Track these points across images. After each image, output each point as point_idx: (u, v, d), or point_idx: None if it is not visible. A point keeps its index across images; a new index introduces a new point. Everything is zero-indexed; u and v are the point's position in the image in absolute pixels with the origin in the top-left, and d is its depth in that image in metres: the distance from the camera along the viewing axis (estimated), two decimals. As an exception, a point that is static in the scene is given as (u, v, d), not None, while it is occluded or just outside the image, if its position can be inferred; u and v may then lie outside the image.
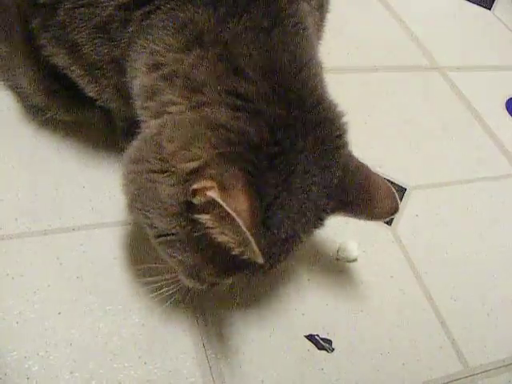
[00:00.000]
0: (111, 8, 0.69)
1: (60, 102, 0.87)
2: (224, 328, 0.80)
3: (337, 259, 0.92)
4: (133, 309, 0.78)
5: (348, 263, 0.92)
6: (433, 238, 1.01)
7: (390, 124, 1.19)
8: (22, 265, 0.78)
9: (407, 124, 1.21)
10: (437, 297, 0.92)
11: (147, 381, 0.72)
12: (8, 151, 0.88)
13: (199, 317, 0.80)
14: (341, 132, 0.69)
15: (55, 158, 0.90)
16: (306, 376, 0.79)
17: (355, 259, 0.92)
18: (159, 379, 0.73)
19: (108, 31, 0.70)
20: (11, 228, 0.81)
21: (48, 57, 0.78)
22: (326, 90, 0.70)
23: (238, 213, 0.55)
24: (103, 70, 0.74)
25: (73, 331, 0.74)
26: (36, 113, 0.90)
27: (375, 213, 0.71)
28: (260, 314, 0.82)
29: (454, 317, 0.91)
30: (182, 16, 0.66)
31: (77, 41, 0.73)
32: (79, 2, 0.70)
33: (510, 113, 1.33)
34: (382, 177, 0.72)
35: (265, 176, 0.61)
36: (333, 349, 0.82)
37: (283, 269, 0.87)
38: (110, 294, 0.78)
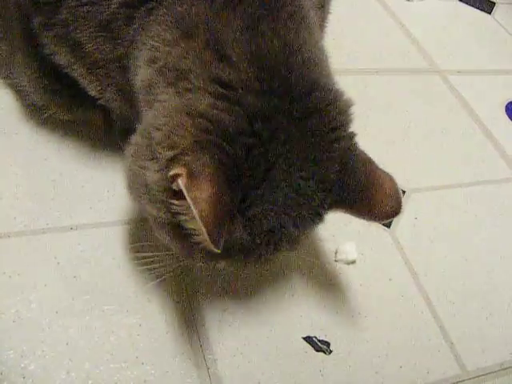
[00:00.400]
0: (115, 6, 0.69)
1: (59, 101, 0.87)
2: (222, 329, 0.79)
3: (335, 261, 0.92)
4: (130, 309, 0.77)
5: (346, 265, 0.92)
6: (432, 241, 1.01)
7: (390, 127, 1.18)
8: (20, 263, 0.77)
9: (407, 127, 1.20)
10: (435, 300, 0.92)
11: (144, 381, 0.72)
12: (7, 150, 0.88)
13: (197, 317, 0.79)
14: (338, 123, 0.66)
15: (54, 157, 0.90)
16: (304, 378, 0.78)
17: (354, 261, 0.92)
18: (156, 380, 0.72)
19: (111, 29, 0.70)
20: (9, 226, 0.80)
21: (50, 55, 0.78)
22: (327, 77, 0.68)
23: (196, 201, 0.55)
24: (106, 69, 0.74)
25: (70, 331, 0.73)
26: (35, 111, 0.90)
27: (375, 213, 0.68)
28: (258, 316, 0.82)
29: (453, 320, 0.91)
30: (180, 10, 0.66)
31: (79, 39, 0.73)
32: (83, 0, 0.70)
33: (510, 116, 1.33)
34: (390, 175, 0.69)
35: (240, 166, 0.60)
36: (331, 351, 0.81)
37: (286, 266, 0.87)
38: (108, 294, 0.78)
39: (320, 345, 0.81)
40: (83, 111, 0.89)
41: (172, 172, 0.58)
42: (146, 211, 0.65)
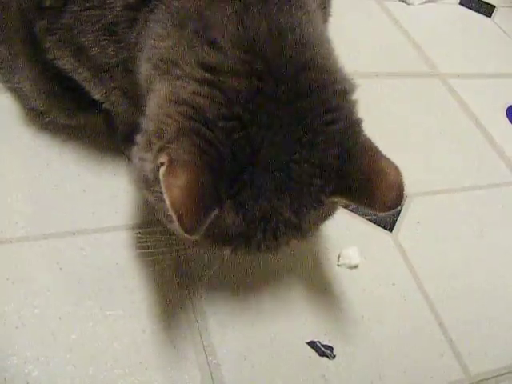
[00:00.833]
0: (119, 8, 0.68)
1: (61, 106, 0.87)
2: (225, 334, 0.79)
3: (338, 265, 0.91)
4: (133, 314, 0.77)
5: (349, 270, 0.92)
6: (434, 245, 1.01)
7: (390, 131, 1.18)
8: (22, 269, 0.77)
9: (407, 130, 1.20)
10: (438, 304, 0.92)
11: (148, 387, 0.72)
12: (8, 154, 0.88)
13: (200, 322, 0.79)
14: (334, 105, 0.64)
15: (56, 162, 0.89)
16: (307, 383, 0.78)
17: (356, 266, 0.92)
18: (160, 385, 0.72)
19: (115, 33, 0.70)
20: (11, 232, 0.80)
21: (53, 60, 0.77)
22: (325, 59, 0.66)
23: (169, 187, 0.55)
24: (111, 73, 0.74)
25: (73, 336, 0.73)
26: (37, 116, 0.90)
27: (375, 204, 0.64)
28: (262, 321, 0.82)
29: (456, 324, 0.90)
30: (176, 4, 0.65)
31: (83, 44, 0.72)
32: (86, 5, 0.70)
33: (510, 120, 1.33)
34: (395, 166, 0.65)
35: (223, 151, 0.59)
36: (334, 355, 0.81)
37: (289, 271, 0.87)
38: (111, 299, 0.78)
39: (323, 349, 0.81)
40: (85, 116, 0.89)
41: (158, 161, 0.58)
42: (149, 202, 0.65)
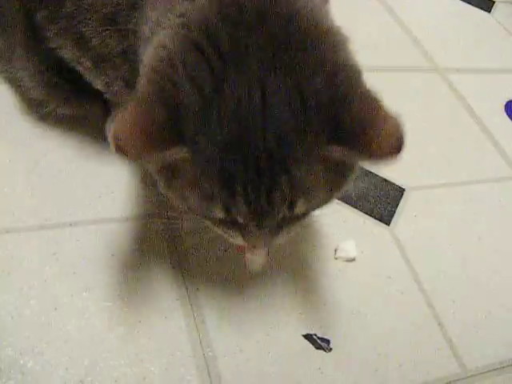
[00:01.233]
0: None
1: (60, 96, 0.86)
2: (221, 326, 0.79)
3: (335, 259, 0.91)
4: (129, 306, 0.77)
5: (346, 263, 0.91)
6: (431, 239, 1.00)
7: (389, 125, 1.18)
8: (18, 259, 0.77)
9: (406, 125, 1.19)
10: (435, 298, 0.92)
11: (144, 378, 0.72)
12: (6, 144, 0.88)
13: (196, 314, 0.79)
14: (317, 32, 0.60)
15: (53, 153, 0.89)
16: (304, 376, 0.78)
17: (353, 259, 0.92)
18: (156, 377, 0.72)
19: (116, 22, 0.70)
20: (7, 222, 0.80)
21: (54, 49, 0.77)
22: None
23: (117, 121, 0.54)
24: (112, 62, 0.74)
25: (68, 327, 0.73)
26: (35, 106, 0.90)
27: (371, 151, 0.58)
28: (258, 313, 0.82)
29: (452, 318, 0.90)
30: None
31: (84, 33, 0.72)
32: None
33: (509, 115, 1.32)
34: (396, 117, 0.60)
35: (181, 83, 0.56)
36: (330, 348, 0.81)
37: (286, 264, 0.87)
38: (107, 291, 0.77)
39: (320, 342, 0.81)
40: (84, 106, 0.89)
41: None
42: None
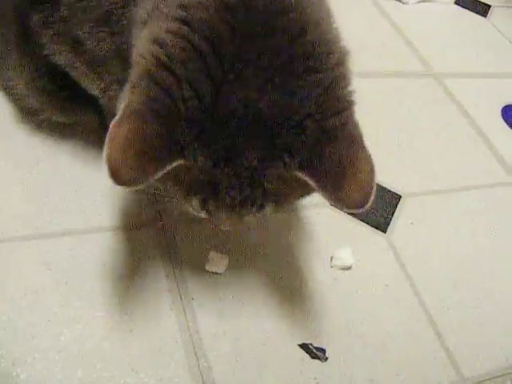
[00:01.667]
0: None
1: (55, 103, 0.86)
2: (216, 336, 0.78)
3: (331, 267, 0.91)
4: (123, 315, 0.76)
5: (342, 271, 0.91)
6: (428, 246, 1.00)
7: (385, 131, 1.18)
8: (10, 269, 0.76)
9: (402, 131, 1.20)
10: (431, 306, 0.91)
11: (137, 389, 0.71)
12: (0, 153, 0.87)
13: (191, 324, 0.78)
14: (315, 51, 0.59)
15: (46, 161, 0.89)
16: (299, 385, 0.78)
17: (349, 267, 0.91)
18: (150, 388, 0.72)
19: (110, 24, 0.69)
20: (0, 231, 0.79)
21: (50, 55, 0.77)
22: (312, 9, 0.62)
23: (110, 139, 0.54)
24: (107, 66, 0.73)
25: (62, 338, 0.72)
26: (28, 114, 0.89)
27: (341, 199, 0.59)
28: (253, 323, 0.81)
29: (449, 326, 0.90)
30: None
31: (79, 36, 0.72)
32: None
33: (506, 120, 1.32)
34: (371, 163, 0.60)
35: (178, 93, 0.56)
36: (326, 358, 0.81)
37: (281, 272, 0.86)
38: (100, 300, 0.77)
39: (316, 352, 0.80)
40: (79, 113, 0.88)
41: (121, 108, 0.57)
42: None
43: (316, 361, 0.80)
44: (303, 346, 0.81)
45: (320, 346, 0.81)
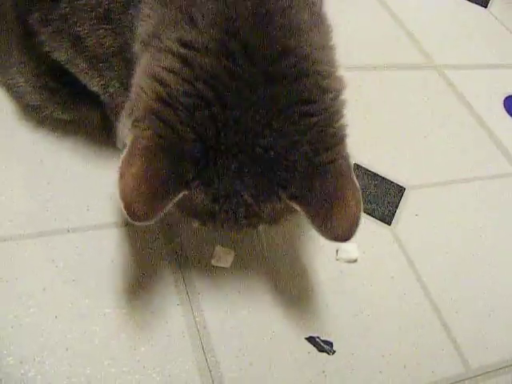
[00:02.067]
0: None
1: (57, 100, 0.85)
2: (224, 330, 0.78)
3: (337, 260, 0.91)
4: (131, 312, 0.76)
5: (348, 264, 0.91)
6: (433, 238, 1.00)
7: (388, 123, 1.18)
8: (17, 268, 0.76)
9: (405, 123, 1.20)
10: (438, 298, 0.91)
11: (146, 385, 0.71)
12: (2, 151, 0.87)
13: (198, 320, 0.78)
14: (312, 97, 0.62)
15: (51, 158, 0.88)
16: (307, 379, 0.77)
17: (355, 260, 0.91)
18: (159, 384, 0.72)
19: (111, 21, 0.69)
20: (5, 230, 0.79)
21: (49, 53, 0.76)
22: (314, 48, 0.64)
23: (122, 174, 0.56)
24: (108, 63, 0.73)
25: (69, 335, 0.72)
26: (31, 112, 0.89)
27: (329, 230, 0.64)
28: (260, 317, 0.81)
29: (456, 318, 0.90)
30: None
31: (79, 33, 0.71)
32: None
33: (508, 111, 1.32)
34: (357, 197, 0.63)
35: (183, 133, 0.59)
36: (334, 351, 0.81)
37: (287, 266, 0.86)
38: (108, 297, 0.77)
39: (323, 345, 0.80)
40: (81, 110, 0.88)
41: (127, 141, 0.59)
42: None
43: (323, 354, 0.80)
44: (310, 340, 0.81)
45: (327, 339, 0.81)
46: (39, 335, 0.71)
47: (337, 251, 0.91)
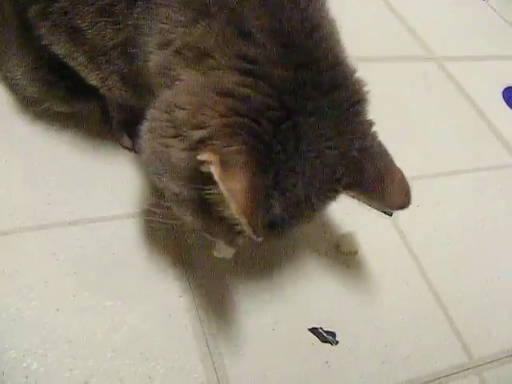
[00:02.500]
0: None
1: (56, 93, 0.85)
2: (227, 323, 0.78)
3: (338, 251, 0.90)
4: (133, 305, 0.76)
5: (350, 255, 0.91)
6: (434, 229, 1.00)
7: (388, 115, 1.17)
8: (18, 261, 0.76)
9: (405, 114, 1.19)
10: (440, 288, 0.91)
11: (149, 377, 0.71)
12: (1, 144, 0.86)
13: (201, 312, 0.78)
14: (358, 97, 0.67)
15: (50, 151, 0.88)
16: (311, 369, 0.77)
17: (357, 251, 0.91)
18: (162, 376, 0.71)
19: (113, 14, 0.68)
20: (5, 223, 0.78)
21: (47, 46, 0.76)
22: (344, 51, 0.69)
23: (233, 193, 0.55)
24: (108, 56, 0.72)
25: (72, 328, 0.72)
26: (30, 105, 0.88)
27: (386, 203, 0.71)
28: (263, 308, 0.81)
29: (458, 308, 0.90)
30: None
31: (79, 26, 0.70)
32: None
33: (507, 102, 1.32)
34: (401, 171, 0.71)
35: (270, 143, 0.60)
36: (337, 341, 0.80)
37: (289, 258, 0.86)
38: (109, 290, 0.76)
39: (326, 336, 0.80)
40: (80, 103, 0.87)
41: (202, 157, 0.57)
42: (168, 187, 0.64)
43: (327, 344, 0.80)
44: (313, 330, 0.81)
45: (330, 330, 0.81)
46: (41, 328, 0.71)
47: (338, 243, 0.91)
